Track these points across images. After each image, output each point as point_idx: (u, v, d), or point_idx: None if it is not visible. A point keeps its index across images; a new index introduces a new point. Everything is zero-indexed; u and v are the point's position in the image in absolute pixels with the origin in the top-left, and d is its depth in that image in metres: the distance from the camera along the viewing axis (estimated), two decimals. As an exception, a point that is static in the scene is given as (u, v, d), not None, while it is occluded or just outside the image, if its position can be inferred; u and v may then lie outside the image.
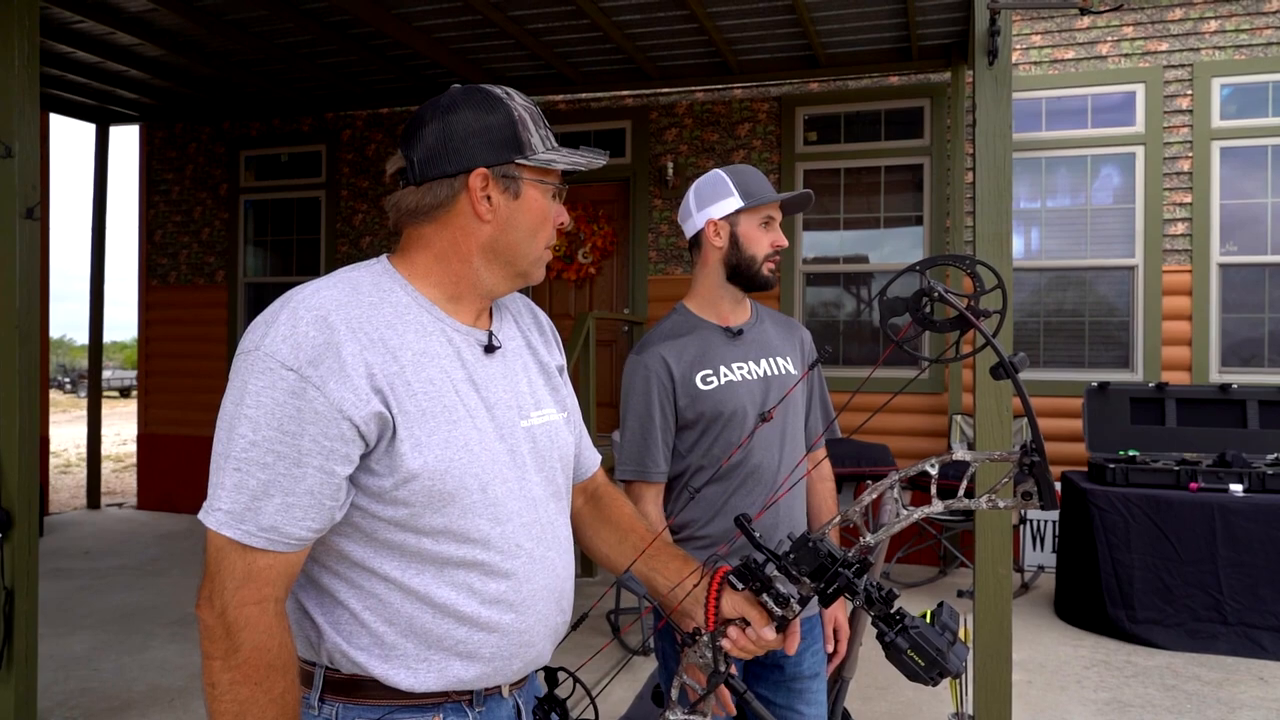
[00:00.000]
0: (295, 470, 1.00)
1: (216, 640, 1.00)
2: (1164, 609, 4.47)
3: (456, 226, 1.15)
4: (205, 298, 7.89)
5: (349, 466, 1.04)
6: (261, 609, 1.01)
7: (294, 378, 1.00)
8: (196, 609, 1.03)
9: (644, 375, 1.92)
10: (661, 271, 6.79)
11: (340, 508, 1.05)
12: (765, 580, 1.09)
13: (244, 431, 1.00)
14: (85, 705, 3.66)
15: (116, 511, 8.04)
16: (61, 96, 7.19)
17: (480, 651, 1.12)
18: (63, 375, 33.76)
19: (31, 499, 3.17)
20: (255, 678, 1.00)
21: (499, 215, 1.15)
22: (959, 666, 1.02)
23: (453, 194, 1.13)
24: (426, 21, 5.42)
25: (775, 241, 1.95)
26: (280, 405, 1.00)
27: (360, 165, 7.50)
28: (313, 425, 1.00)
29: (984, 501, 1.04)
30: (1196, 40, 5.80)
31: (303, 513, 1.01)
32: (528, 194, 1.16)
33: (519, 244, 1.17)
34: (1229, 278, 5.79)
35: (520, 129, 1.14)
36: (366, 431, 1.03)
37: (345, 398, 1.01)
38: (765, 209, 1.94)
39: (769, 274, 1.96)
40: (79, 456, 11.83)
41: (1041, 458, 0.99)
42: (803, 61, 6.02)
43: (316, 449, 1.00)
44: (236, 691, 1.00)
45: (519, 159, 1.13)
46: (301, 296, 1.06)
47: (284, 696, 1.02)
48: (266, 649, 1.01)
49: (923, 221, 6.32)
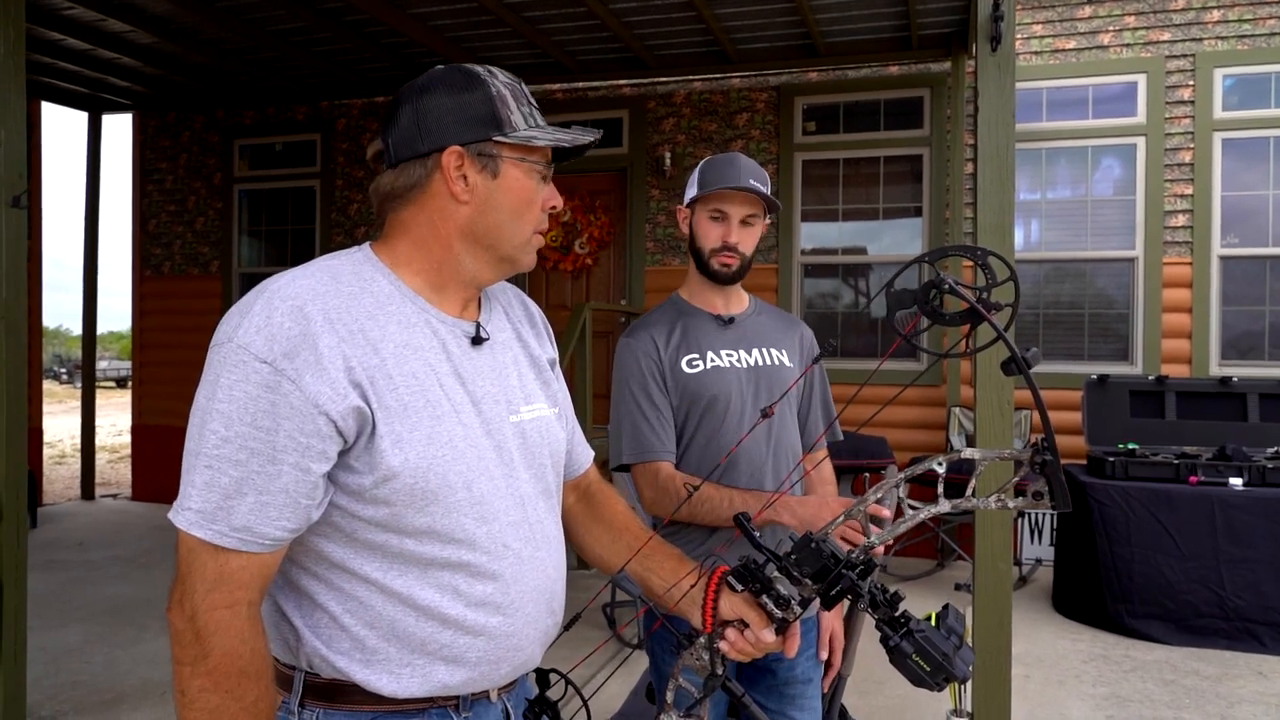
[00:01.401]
0: (270, 468, 0.96)
1: (186, 645, 0.96)
2: (1163, 603, 4.45)
3: (433, 209, 1.10)
4: (199, 288, 7.83)
5: (326, 464, 0.99)
6: (234, 613, 0.97)
7: (268, 371, 0.96)
8: (167, 612, 0.99)
9: (634, 355, 1.90)
10: (658, 262, 6.74)
11: (317, 506, 1.01)
12: (765, 581, 1.05)
13: (216, 427, 0.96)
14: (76, 699, 3.62)
15: (110, 503, 8.00)
16: (53, 84, 7.11)
17: (466, 656, 1.08)
18: (59, 366, 33.67)
19: (20, 491, 3.13)
20: (226, 685, 0.96)
21: (477, 195, 1.10)
22: (965, 672, 0.98)
23: (426, 174, 1.09)
24: (421, 9, 5.35)
25: (724, 236, 1.89)
26: (254, 400, 0.95)
27: (355, 155, 7.44)
28: (288, 421, 0.96)
29: (993, 501, 1.00)
30: (1199, 30, 5.74)
31: (277, 512, 0.97)
32: (508, 173, 1.10)
33: (500, 226, 1.12)
34: (1230, 270, 5.76)
35: (498, 105, 1.09)
36: (344, 427, 0.99)
37: (322, 392, 0.97)
38: (714, 201, 1.89)
39: (718, 268, 1.90)
40: (74, 447, 11.78)
41: (1054, 457, 0.95)
42: (801, 51, 5.96)
43: (292, 445, 0.96)
44: (206, 699, 0.96)
45: (497, 136, 1.08)
46: (277, 286, 1.02)
47: (256, 704, 0.98)
48: (238, 655, 0.97)
49: (922, 213, 6.28)
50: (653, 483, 1.84)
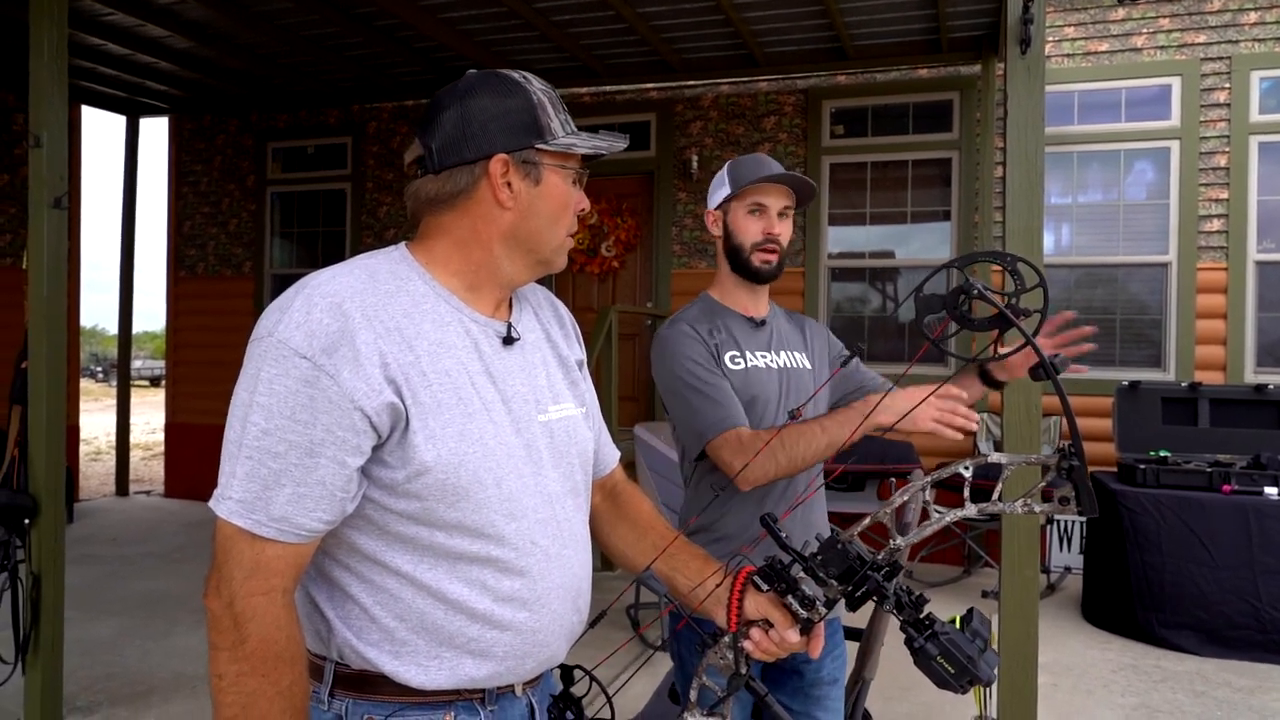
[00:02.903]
0: (308, 460, 0.99)
1: (224, 631, 0.99)
2: (1195, 613, 4.38)
3: (477, 214, 1.13)
4: (232, 288, 7.95)
5: (360, 458, 1.02)
6: (269, 599, 1.00)
7: (307, 365, 0.98)
8: (204, 598, 1.02)
9: (681, 341, 1.84)
10: (685, 265, 6.75)
11: (351, 499, 1.03)
12: (791, 581, 1.06)
13: (257, 419, 0.99)
14: (109, 690, 3.70)
15: (144, 499, 8.14)
16: (93, 89, 7.26)
17: (493, 650, 1.10)
18: (95, 364, 34.27)
19: (57, 487, 3.19)
20: (262, 669, 0.99)
21: (520, 202, 1.12)
22: (990, 674, 0.98)
23: (473, 181, 1.11)
24: (451, 13, 5.41)
25: (766, 229, 1.87)
26: (293, 394, 0.98)
27: (385, 157, 7.52)
28: (325, 415, 0.99)
29: (1019, 506, 1.00)
30: (1235, 33, 5.66)
31: (314, 503, 1.00)
32: (549, 180, 1.13)
33: (540, 231, 1.15)
34: (1266, 275, 5.65)
35: (540, 113, 1.11)
36: (378, 423, 1.01)
37: (358, 387, 0.99)
38: (751, 195, 1.87)
39: (760, 264, 1.87)
40: (109, 444, 11.99)
41: (1081, 462, 0.95)
42: (830, 54, 5.95)
43: (330, 439, 0.99)
44: (243, 683, 0.98)
45: (539, 144, 1.11)
46: (317, 283, 1.05)
47: (291, 689, 1.01)
48: (274, 640, 0.99)
49: (950, 217, 6.23)
50: (736, 448, 1.73)
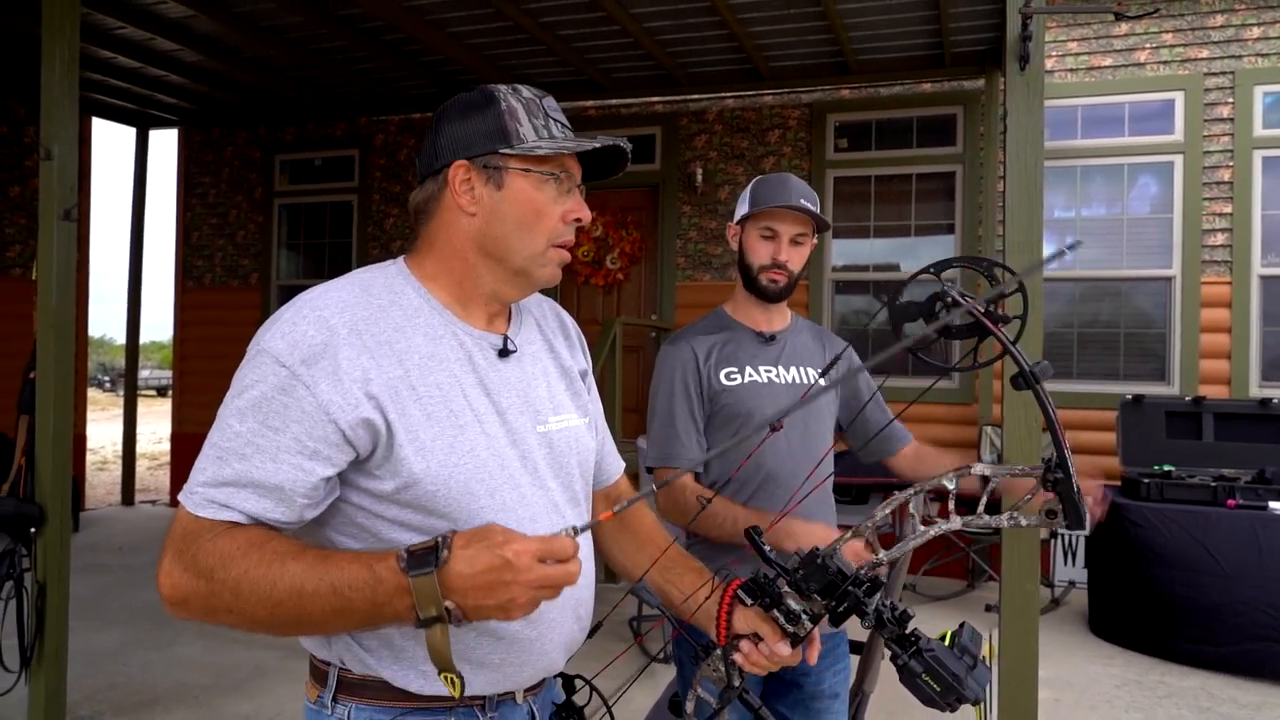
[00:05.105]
0: (270, 465, 1.01)
1: (184, 588, 0.99)
2: (1202, 628, 4.35)
3: (447, 221, 1.16)
4: (239, 299, 7.99)
5: (330, 468, 1.03)
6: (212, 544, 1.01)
7: (285, 374, 1.01)
8: (158, 589, 1.01)
9: (672, 364, 1.94)
10: (690, 278, 6.77)
11: (312, 506, 1.05)
12: (776, 596, 1.06)
13: (231, 422, 1.03)
14: (113, 700, 3.71)
15: (150, 508, 8.17)
16: (103, 101, 7.32)
17: (489, 659, 1.11)
18: (102, 374, 34.38)
19: (63, 496, 3.21)
20: (236, 545, 0.99)
21: (483, 207, 1.13)
22: (978, 693, 0.98)
23: (439, 188, 1.15)
24: (458, 28, 5.45)
25: (775, 255, 1.93)
26: (267, 400, 1.01)
27: (392, 170, 7.57)
28: (297, 424, 1.01)
29: (1005, 519, 1.01)
30: (1238, 47, 5.67)
31: (273, 504, 1.02)
32: (513, 184, 1.13)
33: (507, 237, 1.14)
34: (1270, 290, 5.64)
35: (507, 119, 1.12)
36: (354, 438, 1.03)
37: (335, 401, 1.01)
38: (765, 219, 1.93)
39: (766, 284, 1.94)
40: (115, 454, 12.02)
41: (1066, 475, 0.95)
42: (834, 68, 5.98)
43: (297, 447, 1.01)
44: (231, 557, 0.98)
45: (503, 149, 1.12)
46: (309, 297, 1.08)
47: (263, 545, 0.99)
48: (231, 540, 0.99)
49: (954, 230, 6.24)
50: (667, 489, 1.87)
